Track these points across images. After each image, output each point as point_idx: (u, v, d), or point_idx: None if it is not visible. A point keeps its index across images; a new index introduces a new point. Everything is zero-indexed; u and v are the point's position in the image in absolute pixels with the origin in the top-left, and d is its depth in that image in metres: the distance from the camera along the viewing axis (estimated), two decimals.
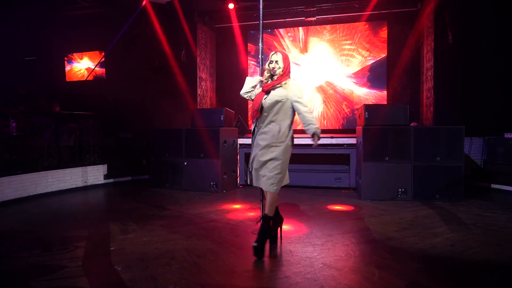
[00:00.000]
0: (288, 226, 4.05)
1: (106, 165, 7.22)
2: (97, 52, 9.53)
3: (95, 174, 7.01)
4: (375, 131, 5.46)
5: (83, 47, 9.55)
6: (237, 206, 5.20)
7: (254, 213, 4.66)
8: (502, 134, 6.46)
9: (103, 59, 9.15)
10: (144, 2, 6.78)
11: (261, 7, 3.79)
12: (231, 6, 8.01)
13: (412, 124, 6.87)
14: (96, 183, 7.00)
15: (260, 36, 3.78)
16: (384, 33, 8.46)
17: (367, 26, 8.52)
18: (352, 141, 6.30)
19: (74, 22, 8.93)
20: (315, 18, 8.33)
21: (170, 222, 4.32)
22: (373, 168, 5.46)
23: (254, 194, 5.96)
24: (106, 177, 7.17)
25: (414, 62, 8.10)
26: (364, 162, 5.48)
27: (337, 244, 3.45)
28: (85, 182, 6.82)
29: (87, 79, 9.45)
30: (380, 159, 5.44)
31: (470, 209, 4.83)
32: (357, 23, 8.46)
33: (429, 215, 4.55)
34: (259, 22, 3.78)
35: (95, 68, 9.16)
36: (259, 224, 3.28)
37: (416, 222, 4.22)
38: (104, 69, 9.50)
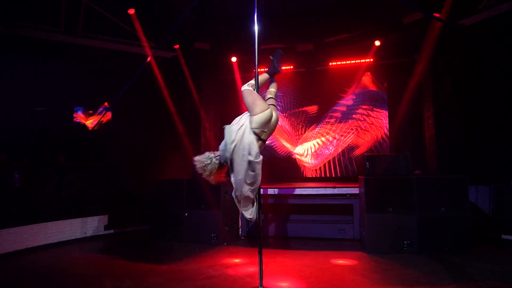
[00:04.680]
0: (288, 283, 3.89)
1: (107, 215, 7.15)
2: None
3: (95, 225, 6.92)
4: (377, 182, 5.38)
5: (89, 98, 9.81)
6: (237, 260, 5.04)
7: (253, 269, 4.50)
8: (508, 182, 6.33)
9: (108, 112, 9.35)
10: (149, 58, 7.09)
11: (256, 58, 3.95)
12: (234, 59, 8.37)
13: (416, 172, 6.78)
14: (96, 234, 6.89)
15: (256, 84, 3.88)
16: (384, 82, 8.65)
17: (368, 76, 8.74)
18: (355, 191, 6.18)
19: (82, 73, 9.25)
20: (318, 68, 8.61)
21: (167, 278, 4.18)
22: (376, 220, 5.31)
23: (255, 246, 5.80)
24: (107, 227, 7.08)
25: (415, 110, 8.17)
26: (367, 214, 5.34)
27: None
28: (85, 233, 6.73)
29: (93, 129, 9.61)
30: (384, 210, 5.30)
31: (480, 263, 4.60)
32: (357, 72, 8.69)
33: (436, 270, 4.34)
34: (255, 71, 3.92)
35: (100, 120, 9.33)
36: None
37: (422, 279, 4.02)
38: (109, 119, 9.69)
